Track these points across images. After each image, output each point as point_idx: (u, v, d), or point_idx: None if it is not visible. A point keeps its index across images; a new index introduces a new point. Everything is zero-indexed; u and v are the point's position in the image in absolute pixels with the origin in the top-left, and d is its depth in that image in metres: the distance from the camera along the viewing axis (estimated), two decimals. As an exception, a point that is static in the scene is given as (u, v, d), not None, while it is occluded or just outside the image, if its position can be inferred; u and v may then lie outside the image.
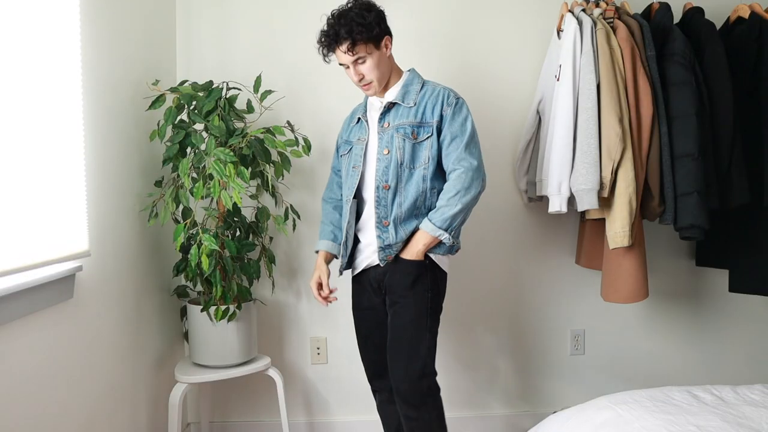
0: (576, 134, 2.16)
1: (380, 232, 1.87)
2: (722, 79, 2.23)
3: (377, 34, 1.83)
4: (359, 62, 1.84)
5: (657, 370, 2.72)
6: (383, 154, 1.87)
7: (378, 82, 1.89)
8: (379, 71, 1.87)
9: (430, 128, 1.87)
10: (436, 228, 1.81)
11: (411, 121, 1.87)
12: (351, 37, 1.79)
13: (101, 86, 1.90)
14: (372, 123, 1.95)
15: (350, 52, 1.82)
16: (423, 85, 1.94)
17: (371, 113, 1.98)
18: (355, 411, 2.64)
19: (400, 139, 1.86)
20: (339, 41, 1.82)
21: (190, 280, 2.18)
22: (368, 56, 1.84)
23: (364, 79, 1.87)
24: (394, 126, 1.88)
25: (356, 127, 2.02)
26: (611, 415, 1.51)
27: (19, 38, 1.45)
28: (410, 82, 1.93)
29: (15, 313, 1.44)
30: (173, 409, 2.13)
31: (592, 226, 2.43)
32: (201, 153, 2.08)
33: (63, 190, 1.64)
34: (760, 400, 1.56)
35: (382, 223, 1.87)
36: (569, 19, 2.23)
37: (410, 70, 1.99)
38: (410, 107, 1.88)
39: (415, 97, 1.90)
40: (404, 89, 1.92)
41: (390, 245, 1.86)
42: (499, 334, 2.69)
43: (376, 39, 1.83)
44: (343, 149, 2.06)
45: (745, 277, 2.39)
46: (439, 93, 1.90)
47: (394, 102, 1.91)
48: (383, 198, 1.86)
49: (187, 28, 2.57)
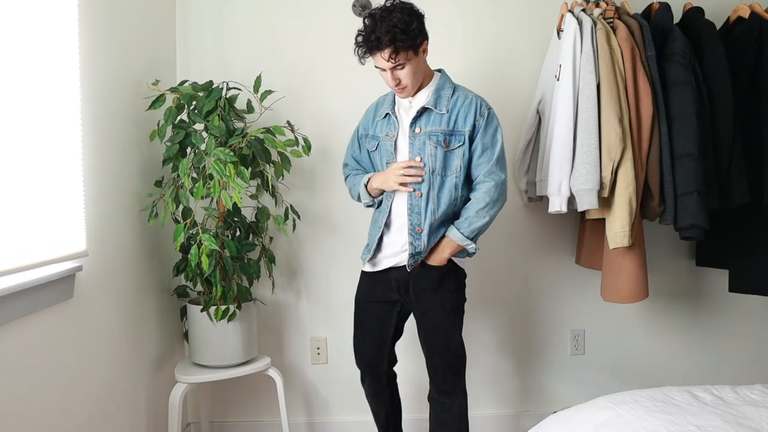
0: (576, 134, 2.16)
1: (413, 239, 1.90)
2: (722, 79, 2.23)
3: (417, 41, 1.80)
4: (398, 68, 1.81)
5: (657, 370, 2.72)
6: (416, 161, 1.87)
7: (413, 86, 1.87)
8: (416, 77, 1.85)
9: (462, 137, 1.88)
10: (464, 238, 1.88)
11: (443, 129, 1.87)
12: (394, 45, 1.75)
13: (101, 86, 1.90)
14: (402, 123, 1.94)
15: (392, 59, 1.78)
16: (454, 90, 1.92)
17: (400, 111, 1.96)
18: (355, 411, 2.64)
19: (432, 147, 1.87)
20: (381, 47, 1.76)
21: (190, 280, 2.18)
22: (407, 63, 1.80)
23: (401, 84, 1.84)
24: (426, 132, 1.88)
25: (383, 122, 1.98)
26: (611, 415, 1.51)
27: (17, 38, 1.45)
28: (442, 87, 1.92)
29: (15, 313, 1.44)
30: (173, 409, 2.13)
31: (592, 226, 2.43)
32: (201, 153, 2.08)
33: (62, 190, 1.64)
34: (760, 400, 1.56)
35: (415, 231, 1.89)
36: (569, 19, 2.23)
37: (441, 72, 1.97)
38: (442, 114, 1.88)
39: (447, 103, 1.89)
40: (436, 94, 1.90)
41: (420, 252, 1.90)
42: (498, 334, 2.69)
43: (416, 46, 1.80)
44: (370, 144, 2.03)
45: (745, 277, 2.39)
46: (471, 101, 1.89)
47: (426, 107, 1.89)
48: (416, 206, 1.89)
49: (187, 28, 2.57)
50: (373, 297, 2.04)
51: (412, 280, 1.93)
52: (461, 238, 1.87)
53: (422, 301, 1.95)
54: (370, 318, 2.06)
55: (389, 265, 1.98)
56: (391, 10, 1.78)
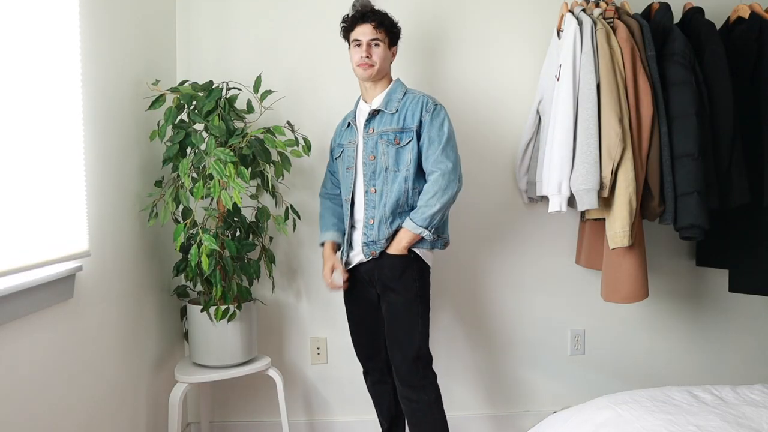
0: (576, 134, 2.16)
1: (366, 230, 2.04)
2: (722, 79, 2.23)
3: (395, 34, 2.09)
4: (373, 43, 2.02)
5: (657, 370, 2.72)
6: (369, 159, 2.03)
7: (378, 69, 2.04)
8: (383, 62, 2.05)
9: (411, 133, 2.01)
10: (417, 226, 1.97)
11: (394, 128, 2.02)
12: (380, 19, 2.03)
13: (101, 86, 1.90)
14: (359, 127, 2.10)
15: (376, 30, 2.02)
16: (405, 93, 2.08)
17: (359, 118, 2.12)
18: (355, 411, 2.64)
19: (384, 145, 2.02)
20: (368, 20, 2.02)
21: (190, 280, 2.18)
22: (382, 44, 2.03)
23: (371, 59, 2.02)
24: (378, 132, 2.04)
25: (347, 131, 2.16)
26: (611, 415, 1.51)
27: (18, 38, 1.45)
28: (393, 91, 2.09)
29: (15, 313, 1.43)
30: (173, 409, 2.13)
31: (592, 226, 2.43)
32: (201, 153, 2.08)
33: (63, 190, 1.64)
34: (760, 400, 1.56)
35: (368, 222, 2.04)
36: (569, 19, 2.23)
37: (396, 80, 2.13)
38: (392, 114, 2.04)
39: (397, 104, 2.05)
40: (388, 97, 2.07)
41: (373, 241, 2.03)
42: (499, 333, 2.69)
43: (393, 36, 2.08)
44: (336, 152, 2.21)
45: (745, 277, 2.39)
46: (419, 100, 2.04)
47: (378, 109, 2.06)
48: (371, 200, 2.04)
49: (187, 28, 2.57)
50: (356, 295, 2.16)
51: (377, 271, 2.04)
52: (414, 227, 1.96)
53: (387, 290, 2.04)
54: (360, 312, 2.18)
55: (357, 261, 2.10)
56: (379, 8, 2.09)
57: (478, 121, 2.59)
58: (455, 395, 2.61)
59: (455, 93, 2.57)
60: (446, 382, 2.17)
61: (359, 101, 2.17)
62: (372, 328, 2.15)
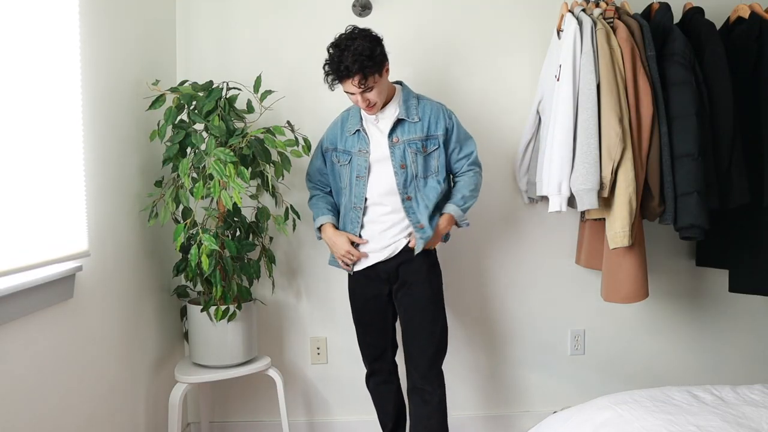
0: (576, 134, 2.16)
1: (420, 234, 2.05)
2: (722, 79, 2.23)
3: (381, 63, 1.95)
4: (367, 91, 1.95)
5: (657, 370, 2.72)
6: (400, 168, 2.05)
7: (381, 103, 2.03)
8: (382, 95, 2.01)
9: (436, 141, 2.08)
10: (461, 213, 2.11)
11: (420, 136, 2.06)
12: (362, 71, 1.89)
13: (101, 86, 1.90)
14: (372, 137, 2.08)
15: (361, 85, 1.92)
16: (418, 99, 2.11)
17: (369, 126, 2.10)
18: (355, 411, 2.64)
19: (412, 154, 2.05)
20: (350, 75, 1.90)
21: (190, 280, 2.18)
22: (375, 85, 1.95)
23: (370, 103, 1.98)
24: (405, 141, 2.05)
25: (354, 138, 2.11)
26: (611, 415, 1.51)
27: (18, 38, 1.45)
28: (407, 98, 2.09)
29: (15, 313, 1.44)
30: (173, 409, 2.13)
31: (592, 226, 2.43)
32: (201, 153, 2.08)
33: (63, 190, 1.64)
34: (760, 400, 1.56)
35: (418, 227, 2.06)
36: (569, 19, 2.23)
37: (401, 85, 2.13)
38: (416, 122, 2.06)
39: (415, 111, 2.07)
40: (405, 105, 2.07)
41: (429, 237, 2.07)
42: (499, 333, 2.69)
43: (380, 68, 1.95)
44: (340, 158, 2.14)
45: (745, 277, 2.39)
46: (437, 108, 2.10)
47: (400, 118, 2.05)
48: (409, 208, 2.06)
49: (187, 28, 2.57)
50: (368, 294, 2.15)
51: (402, 269, 2.08)
52: (460, 213, 2.10)
53: (412, 287, 2.08)
54: (370, 314, 2.17)
55: (377, 260, 2.09)
56: (354, 38, 1.92)
57: (478, 121, 2.59)
58: (455, 395, 2.61)
59: (455, 93, 2.57)
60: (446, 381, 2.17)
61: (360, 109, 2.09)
62: (381, 327, 2.18)
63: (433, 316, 2.10)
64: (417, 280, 2.08)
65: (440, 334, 2.10)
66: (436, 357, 2.09)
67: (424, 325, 2.08)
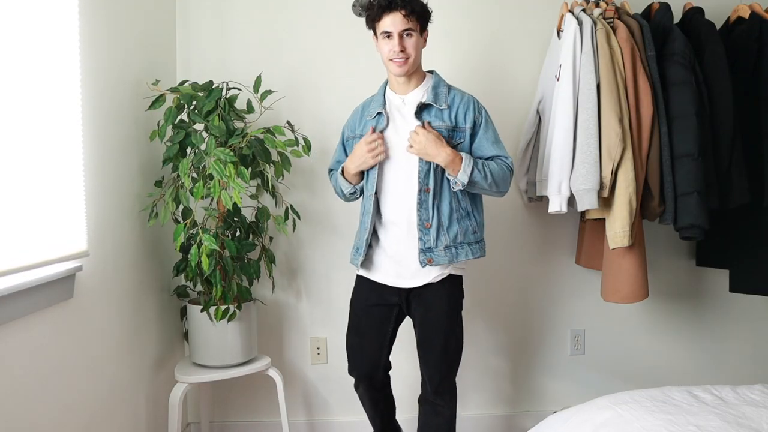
0: (576, 134, 2.16)
1: (422, 234, 1.89)
2: (722, 79, 2.23)
3: (426, 18, 1.90)
4: (406, 34, 1.84)
5: (657, 370, 2.72)
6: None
7: (413, 61, 1.88)
8: (417, 52, 1.89)
9: (463, 134, 1.91)
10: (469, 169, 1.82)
11: (446, 125, 1.89)
12: (411, 5, 1.83)
13: (101, 86, 1.90)
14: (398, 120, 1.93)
15: (407, 18, 1.82)
16: (450, 88, 1.96)
17: (392, 109, 1.95)
18: (355, 411, 2.63)
19: None
20: (397, 7, 1.81)
21: (190, 280, 2.18)
22: (414, 33, 1.86)
23: (406, 51, 1.85)
24: None
25: (374, 121, 1.95)
26: (611, 415, 1.51)
27: (18, 38, 1.45)
28: (437, 85, 1.95)
29: (15, 313, 1.43)
30: (173, 409, 2.13)
31: (592, 226, 2.43)
32: (201, 153, 2.08)
33: (63, 190, 1.64)
34: (760, 400, 1.56)
35: (423, 225, 1.89)
36: (569, 19, 2.23)
37: (433, 73, 2.00)
38: (443, 109, 1.90)
39: (444, 99, 1.92)
40: (433, 91, 1.93)
41: (431, 248, 1.89)
42: (499, 333, 2.69)
43: (424, 22, 1.89)
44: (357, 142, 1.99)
45: (746, 277, 2.39)
46: (468, 100, 1.94)
47: (426, 103, 1.91)
48: (425, 201, 1.89)
49: (187, 28, 2.57)
50: (372, 300, 2.03)
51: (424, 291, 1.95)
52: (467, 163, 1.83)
53: (427, 300, 1.95)
54: (369, 322, 2.04)
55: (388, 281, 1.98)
56: None
57: (478, 121, 2.59)
58: (455, 395, 2.61)
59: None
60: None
61: (385, 90, 1.98)
62: (377, 344, 2.04)
63: (449, 332, 1.97)
64: (432, 294, 1.95)
65: (455, 348, 1.99)
66: (450, 371, 2.01)
67: (439, 343, 1.96)
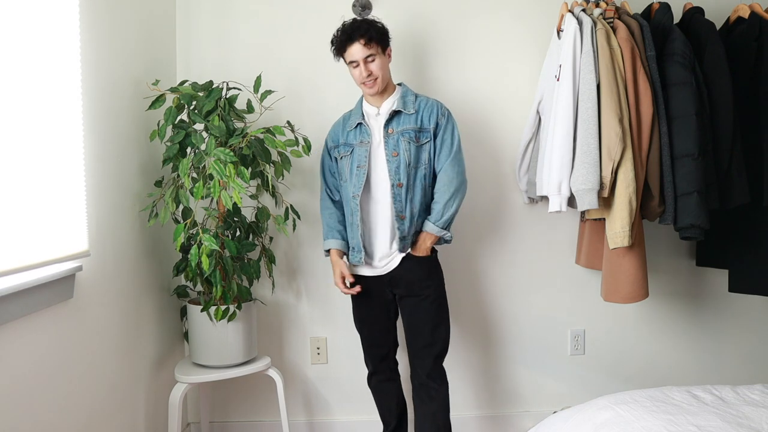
0: (576, 134, 2.16)
1: (398, 224, 2.08)
2: (722, 79, 2.23)
3: (385, 38, 2.12)
4: (369, 60, 2.05)
5: (657, 370, 2.72)
6: (392, 156, 2.09)
7: (382, 81, 2.09)
8: (384, 73, 2.10)
9: (428, 134, 2.11)
10: (440, 229, 2.10)
11: (413, 127, 2.10)
12: (368, 34, 2.04)
13: (101, 86, 1.90)
14: (375, 128, 2.13)
15: (366, 46, 2.03)
16: (416, 96, 2.17)
17: (369, 120, 2.16)
18: (355, 411, 2.64)
19: (405, 143, 2.09)
20: (356, 38, 2.03)
21: (190, 280, 2.18)
22: (377, 56, 2.07)
23: (372, 75, 2.07)
24: (399, 131, 2.10)
25: (355, 131, 2.16)
26: (611, 415, 1.51)
27: (18, 38, 1.45)
28: (405, 94, 2.17)
29: (15, 313, 1.44)
30: (173, 409, 2.13)
31: (592, 226, 2.43)
32: (201, 153, 2.08)
33: (63, 190, 1.64)
34: (760, 400, 1.56)
35: (399, 217, 2.08)
36: (569, 19, 2.23)
37: (402, 84, 2.20)
38: (411, 114, 2.11)
39: (412, 105, 2.13)
40: (402, 99, 2.14)
41: (405, 237, 2.10)
42: (499, 333, 2.69)
43: (384, 44, 2.11)
44: (341, 151, 2.18)
45: (745, 277, 2.39)
46: (433, 104, 2.15)
47: (397, 110, 2.11)
48: (398, 194, 2.08)
49: (187, 28, 2.57)
50: (372, 293, 2.17)
51: (404, 272, 2.11)
52: (437, 230, 2.10)
53: (414, 289, 2.13)
54: (375, 314, 2.21)
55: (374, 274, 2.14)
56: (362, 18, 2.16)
57: (478, 122, 2.59)
58: (455, 395, 2.59)
59: (455, 93, 2.57)
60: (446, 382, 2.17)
61: (362, 104, 2.19)
62: (386, 328, 2.23)
63: (437, 318, 2.14)
64: (419, 286, 2.12)
65: (444, 334, 2.16)
66: (440, 356, 2.16)
67: (428, 332, 2.13)
